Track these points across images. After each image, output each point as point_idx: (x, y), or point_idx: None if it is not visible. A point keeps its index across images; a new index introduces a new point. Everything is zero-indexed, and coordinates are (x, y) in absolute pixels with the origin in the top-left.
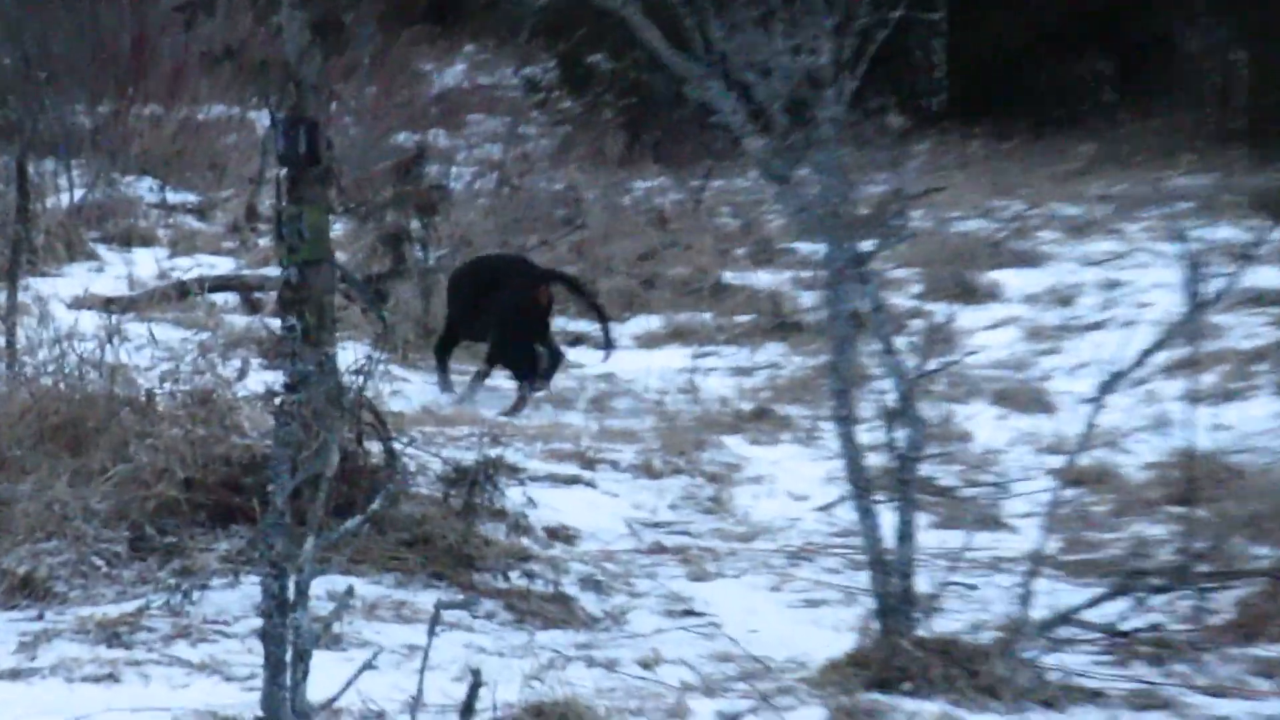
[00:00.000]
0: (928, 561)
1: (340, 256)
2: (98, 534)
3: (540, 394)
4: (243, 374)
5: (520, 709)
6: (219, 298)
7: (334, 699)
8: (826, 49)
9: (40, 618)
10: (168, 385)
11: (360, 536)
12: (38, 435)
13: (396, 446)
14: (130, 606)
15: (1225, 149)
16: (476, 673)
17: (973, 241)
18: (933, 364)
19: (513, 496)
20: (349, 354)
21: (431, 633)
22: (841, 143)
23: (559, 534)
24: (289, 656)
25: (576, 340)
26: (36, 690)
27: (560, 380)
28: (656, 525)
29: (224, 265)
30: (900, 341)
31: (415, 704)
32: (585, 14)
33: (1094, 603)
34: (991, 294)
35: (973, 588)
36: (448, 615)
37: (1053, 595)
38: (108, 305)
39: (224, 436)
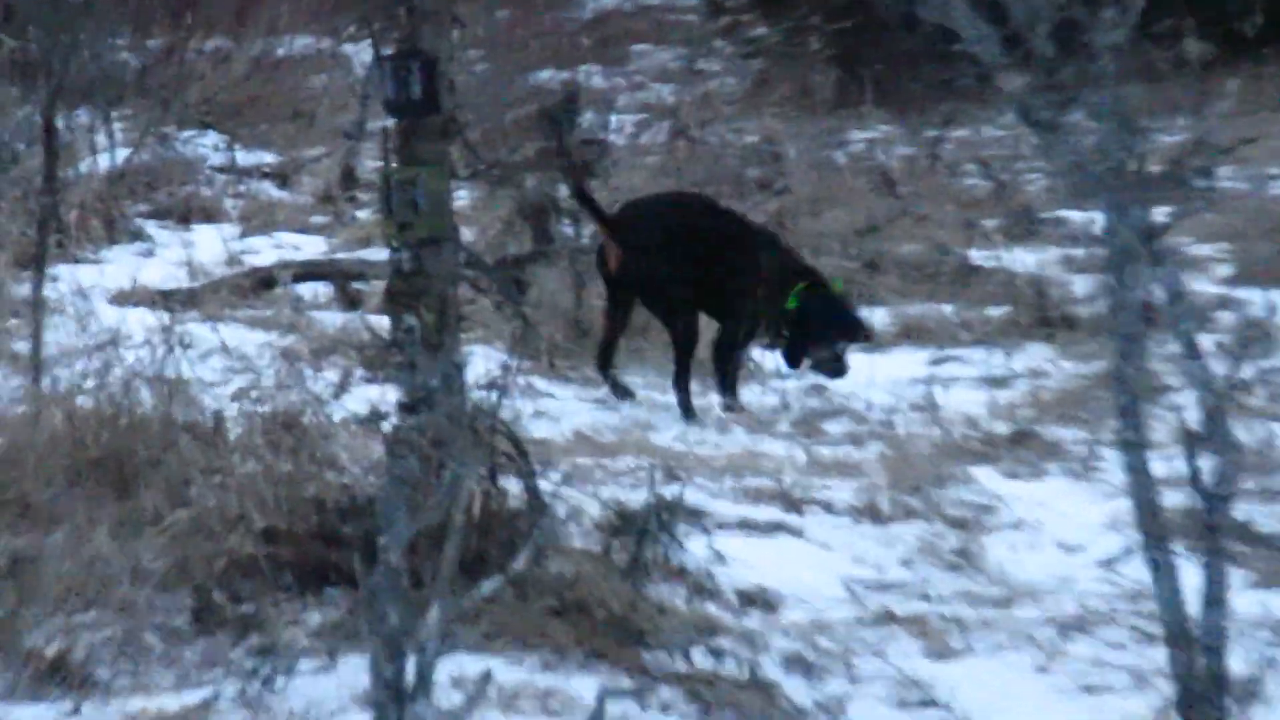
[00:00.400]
0: (1245, 633)
1: (466, 234)
2: (150, 601)
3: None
4: (341, 390)
5: None
6: (306, 289)
7: None
8: None
9: (76, 711)
10: (241, 405)
11: (497, 604)
12: (73, 471)
13: (543, 485)
14: (194, 697)
15: None
16: None
17: None
18: (1250, 370)
19: (695, 550)
20: (479, 363)
21: None
22: (1126, 78)
23: (756, 599)
24: None
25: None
26: None
27: (755, 395)
28: (884, 587)
29: (313, 247)
30: (1206, 341)
31: None
32: None
33: None
34: None
35: None
36: (612, 707)
37: None
38: (162, 300)
39: (316, 473)
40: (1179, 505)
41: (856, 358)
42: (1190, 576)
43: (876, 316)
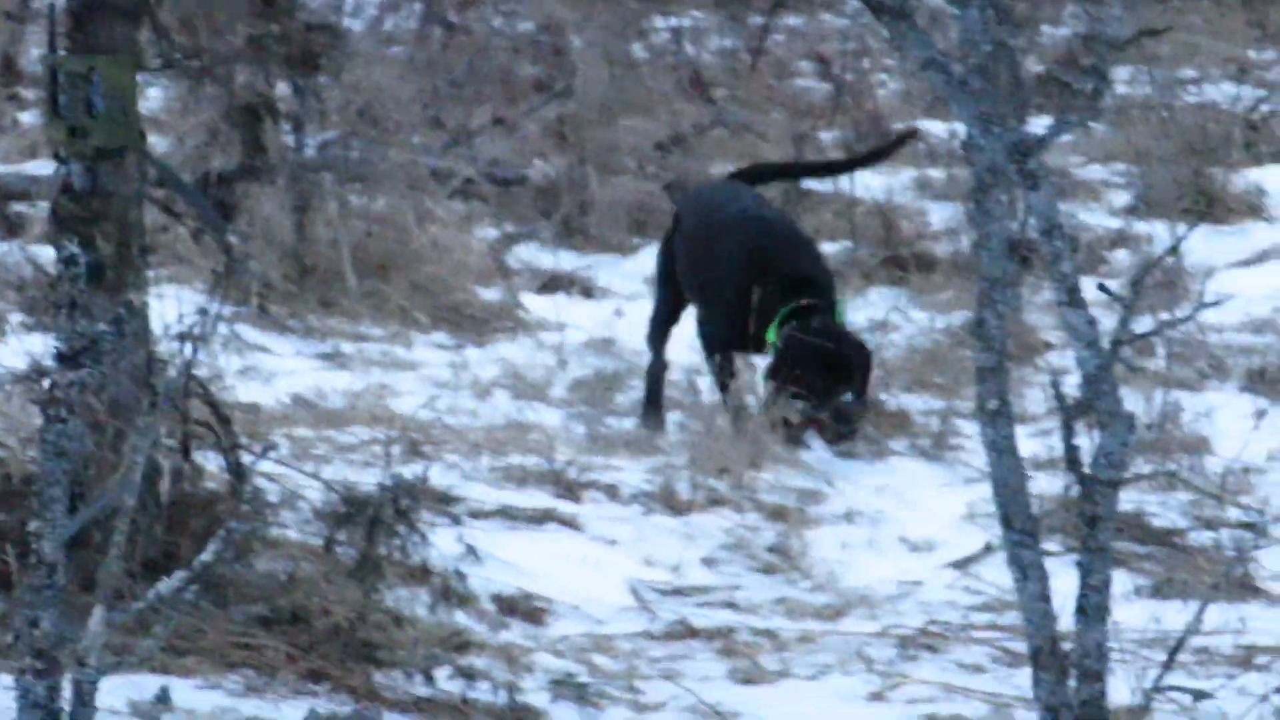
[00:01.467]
0: (1131, 653)
1: (158, 144)
2: None
3: None
4: None
5: None
6: None
7: None
8: None
9: None
10: None
11: (185, 609)
12: None
13: (248, 460)
14: None
15: None
16: None
17: (1219, 121)
18: (1147, 323)
19: (442, 545)
20: (171, 306)
21: None
22: None
23: (518, 607)
24: None
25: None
26: None
27: (526, 352)
28: (680, 593)
29: None
30: (1092, 286)
31: None
32: None
33: None
34: (1249, 207)
35: (1204, 696)
36: None
37: None
38: None
39: None
40: (1053, 493)
41: (648, 306)
42: (1065, 581)
43: None
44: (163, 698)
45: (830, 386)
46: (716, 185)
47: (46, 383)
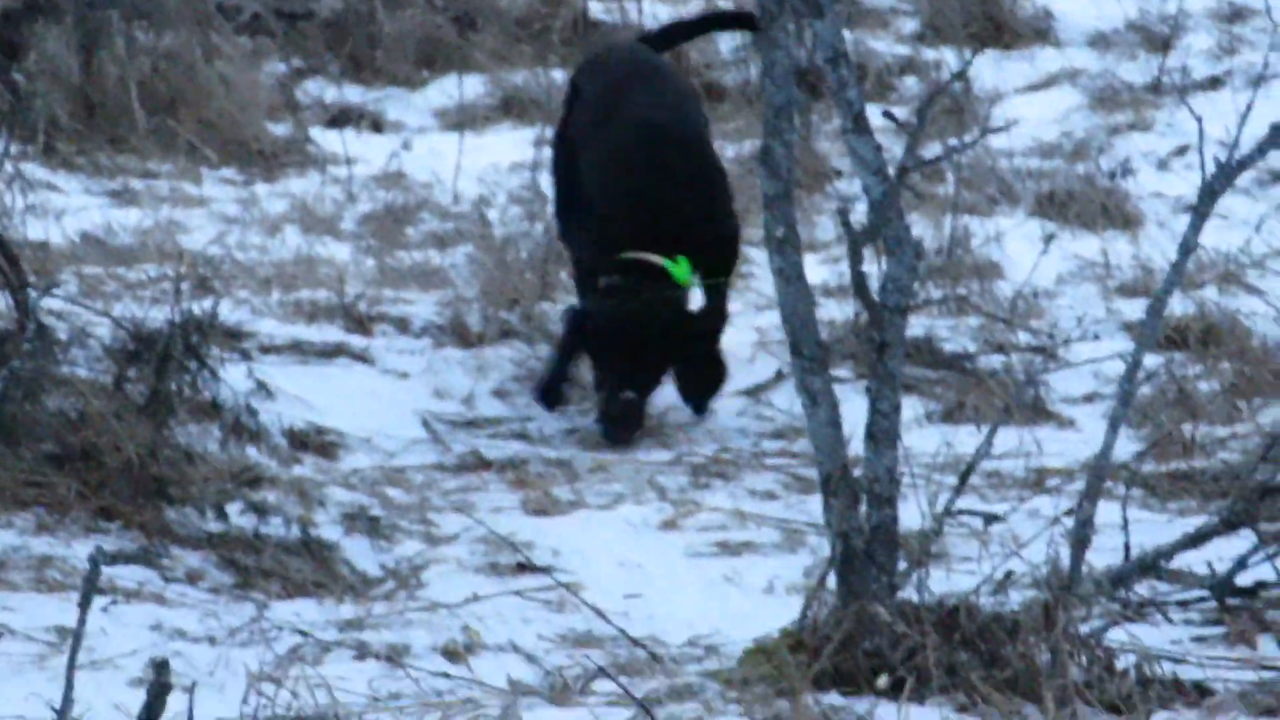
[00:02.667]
0: (921, 478)
1: None
2: None
3: None
4: None
5: None
6: None
7: None
8: None
9: None
10: None
11: None
12: None
13: (36, 299)
14: None
15: None
16: (161, 668)
17: None
18: (934, 149)
19: (233, 381)
20: None
21: (85, 605)
22: None
23: (309, 442)
24: None
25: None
26: None
27: (315, 187)
28: (472, 425)
29: None
30: (878, 114)
31: None
32: None
33: (1195, 541)
34: (1035, 32)
35: (995, 519)
36: (119, 576)
37: (1129, 531)
38: None
39: None
40: (843, 320)
41: (445, 139)
42: (855, 408)
43: (470, 88)
44: None
45: (626, 376)
46: (622, 54)
47: None
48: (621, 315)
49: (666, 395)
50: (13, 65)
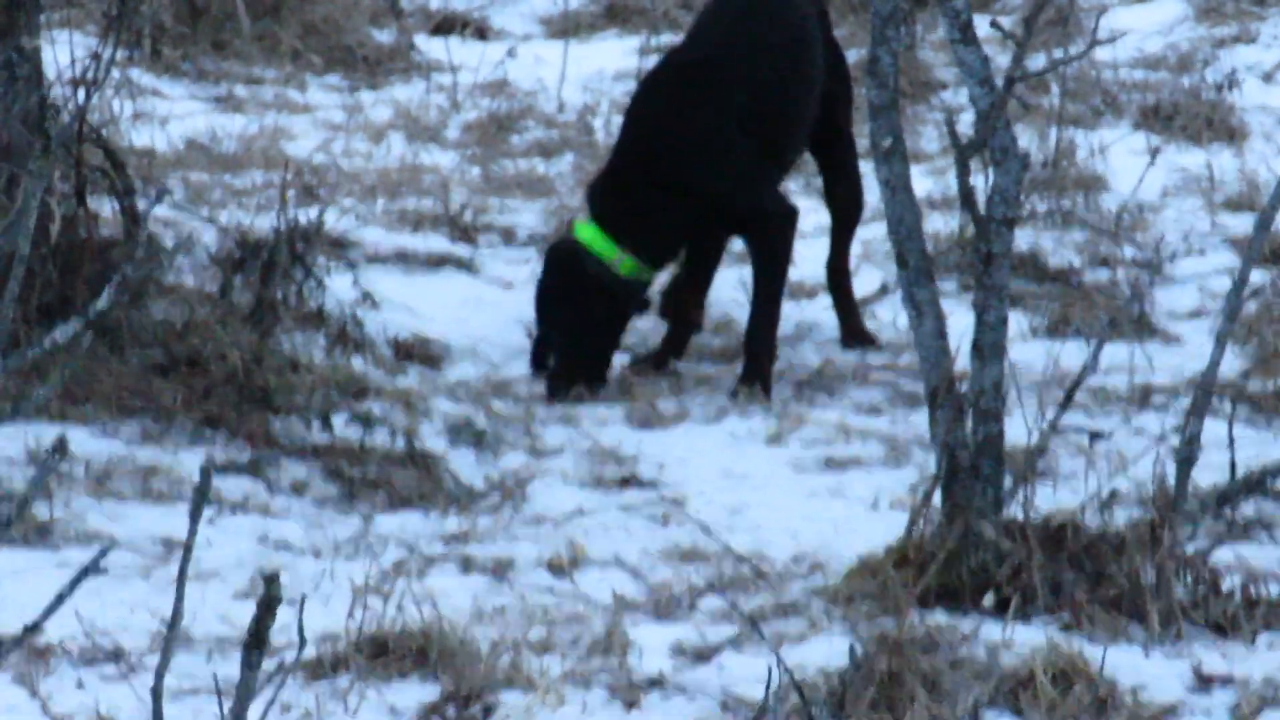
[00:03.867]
0: (1026, 392)
1: None
2: None
3: None
4: None
5: (350, 641)
6: None
7: (35, 625)
8: None
9: None
10: None
11: (80, 356)
12: None
13: (142, 205)
14: None
15: None
16: (271, 581)
17: None
18: (1038, 60)
19: (338, 290)
20: (62, 51)
21: (196, 515)
22: None
23: (415, 352)
24: None
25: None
26: None
27: (420, 94)
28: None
29: None
30: (985, 24)
31: (170, 635)
32: None
33: None
34: None
35: (1100, 436)
36: (226, 487)
37: (1236, 449)
38: None
39: None
40: (948, 232)
41: (549, 47)
42: (961, 321)
43: None
44: (60, 446)
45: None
46: None
47: None
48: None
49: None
50: None
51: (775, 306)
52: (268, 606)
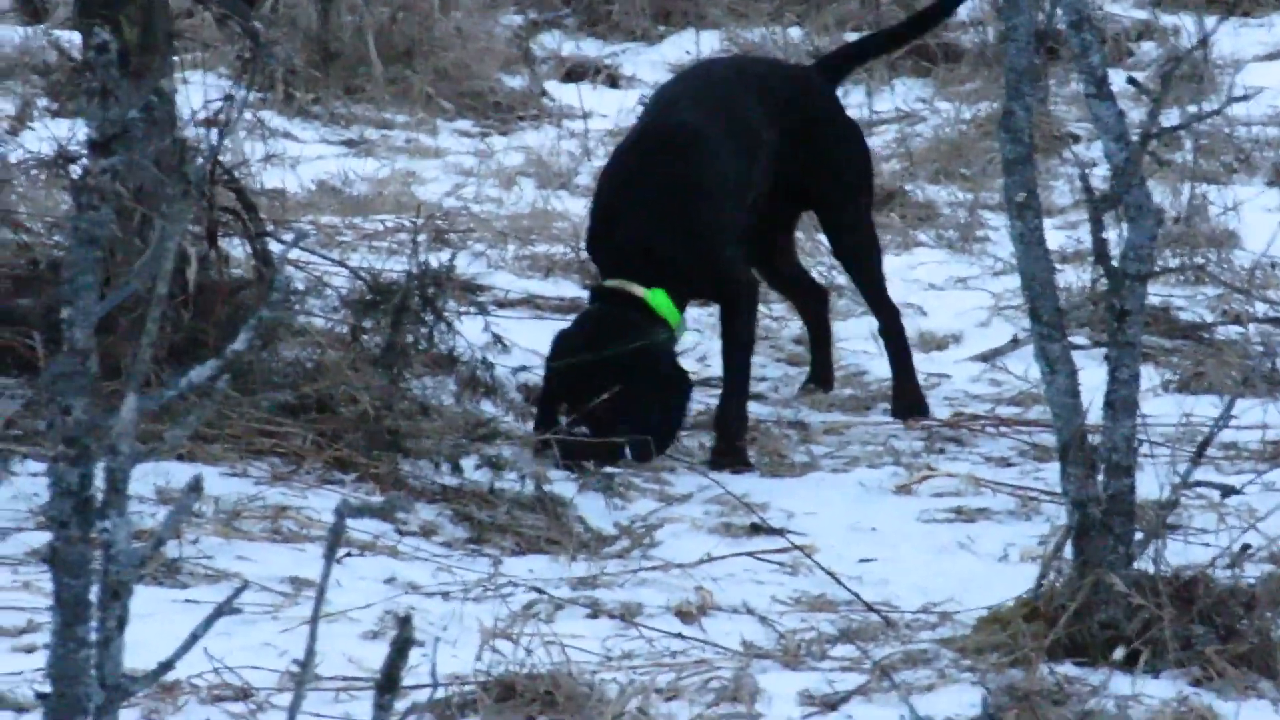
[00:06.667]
0: (1158, 447)
1: None
2: None
3: None
4: (19, 125)
5: (478, 683)
6: None
7: (168, 664)
8: None
9: None
10: None
11: (214, 398)
12: None
13: (275, 248)
14: None
15: None
16: (404, 623)
17: None
18: (1175, 117)
19: (469, 333)
20: (196, 93)
21: (330, 558)
22: None
23: None
24: (94, 593)
25: (574, 73)
26: None
27: (551, 140)
28: (707, 383)
29: None
30: (1119, 78)
31: (302, 675)
32: None
33: None
34: None
35: (1233, 492)
36: (354, 528)
37: None
38: None
39: None
40: (1080, 286)
41: None
42: (1092, 376)
43: (705, 42)
44: (195, 486)
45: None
46: (714, 61)
47: (77, 170)
48: (573, 342)
49: (883, 358)
50: (251, 12)
51: (747, 378)
52: (401, 648)
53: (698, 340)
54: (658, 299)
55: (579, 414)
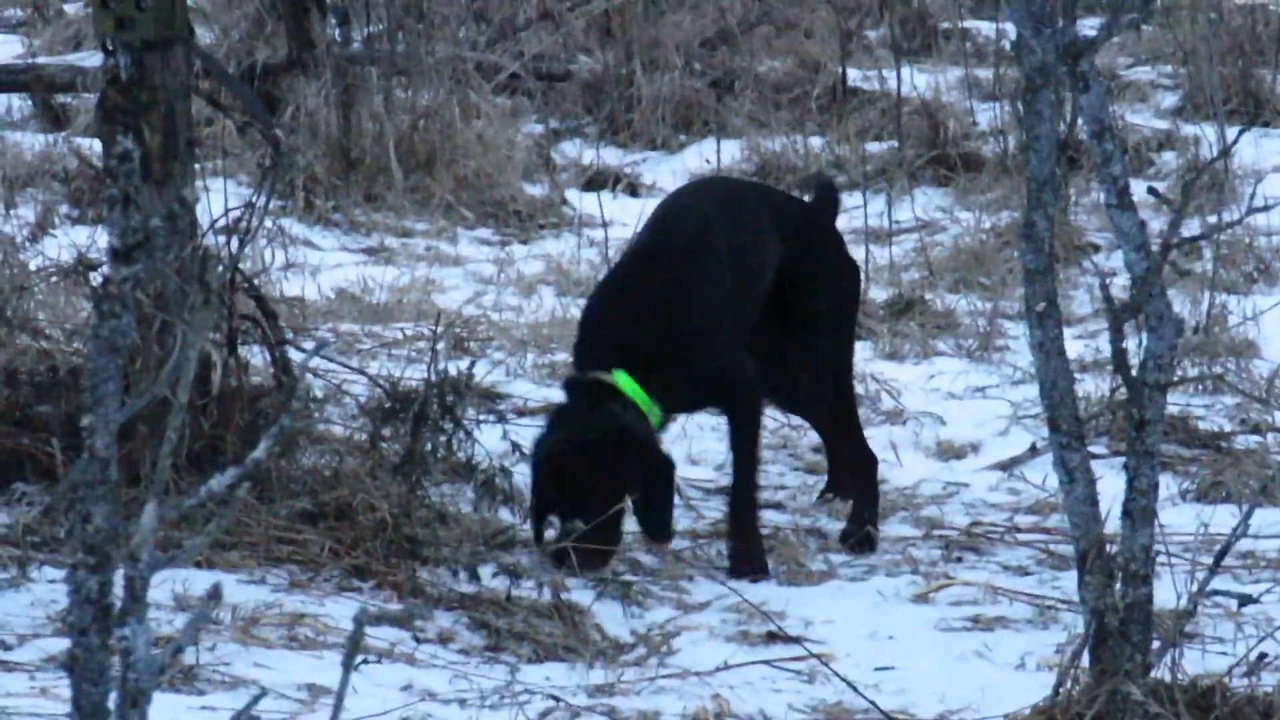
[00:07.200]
0: (1177, 557)
1: (204, 36)
2: None
3: None
4: (40, 232)
5: None
6: None
7: None
8: None
9: None
10: None
11: (233, 506)
12: None
13: (295, 356)
14: None
15: None
16: None
17: (1267, 22)
18: (1195, 227)
19: (487, 441)
20: (217, 200)
21: (349, 665)
22: None
23: None
24: (113, 701)
25: (595, 182)
26: None
27: (571, 248)
28: (724, 492)
29: (6, 49)
30: (1139, 188)
31: None
32: None
33: None
34: None
35: (1250, 601)
36: (371, 635)
37: None
38: None
39: (4, 337)
40: (1099, 395)
41: None
42: (1111, 484)
43: (727, 151)
44: (214, 593)
45: (564, 504)
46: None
47: (98, 278)
48: (549, 439)
49: (916, 469)
50: (273, 120)
51: (757, 484)
52: None
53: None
54: (622, 379)
55: (572, 514)
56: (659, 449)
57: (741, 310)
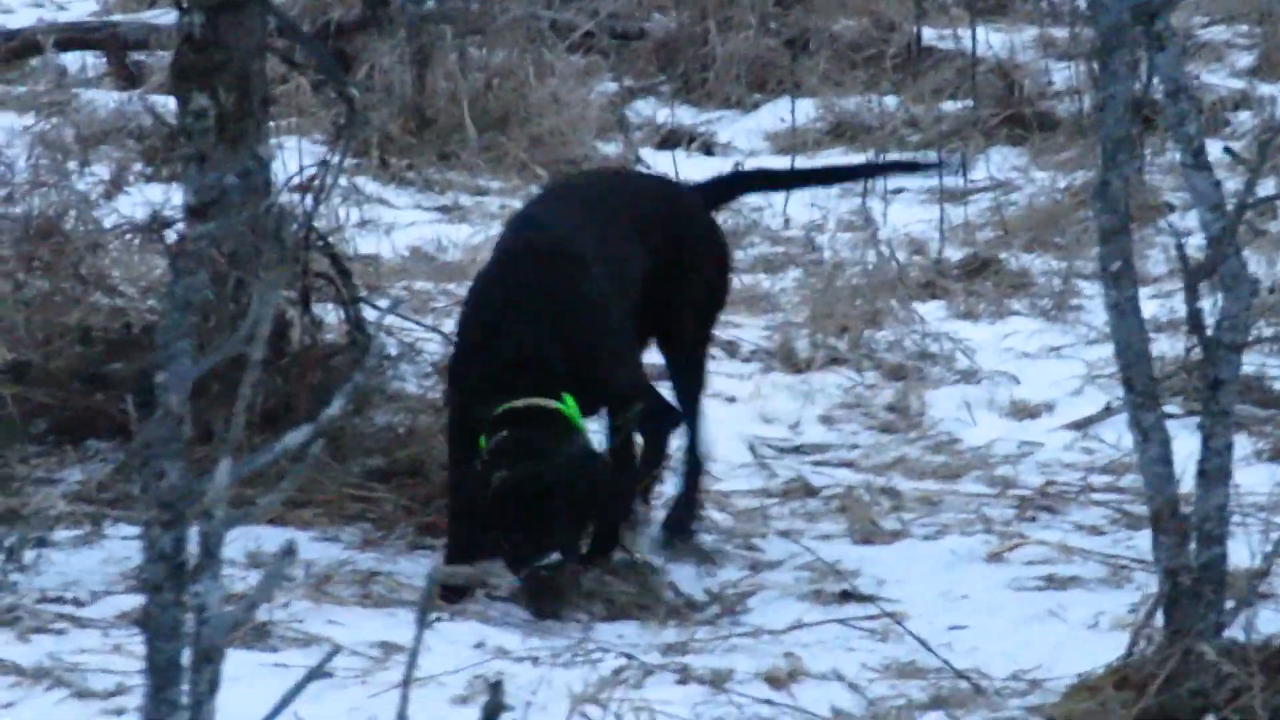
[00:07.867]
0: (1251, 516)
1: None
2: None
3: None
4: (114, 189)
5: None
6: (72, 60)
7: None
8: None
9: None
10: None
11: (306, 463)
12: None
13: (369, 314)
14: None
15: None
16: (495, 689)
17: None
18: (1269, 186)
19: None
20: (291, 158)
21: (421, 623)
22: None
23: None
24: (186, 658)
25: (669, 140)
26: None
27: None
28: (799, 450)
29: (81, 6)
30: (1214, 148)
31: None
32: None
33: None
34: None
35: None
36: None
37: None
38: None
39: (80, 294)
40: (1174, 355)
41: (777, 162)
42: (1185, 445)
43: (802, 110)
44: (288, 550)
45: (537, 540)
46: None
47: (174, 235)
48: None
49: (990, 428)
50: (347, 79)
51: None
52: (492, 714)
53: None
54: (571, 406)
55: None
56: (608, 465)
57: (623, 311)
